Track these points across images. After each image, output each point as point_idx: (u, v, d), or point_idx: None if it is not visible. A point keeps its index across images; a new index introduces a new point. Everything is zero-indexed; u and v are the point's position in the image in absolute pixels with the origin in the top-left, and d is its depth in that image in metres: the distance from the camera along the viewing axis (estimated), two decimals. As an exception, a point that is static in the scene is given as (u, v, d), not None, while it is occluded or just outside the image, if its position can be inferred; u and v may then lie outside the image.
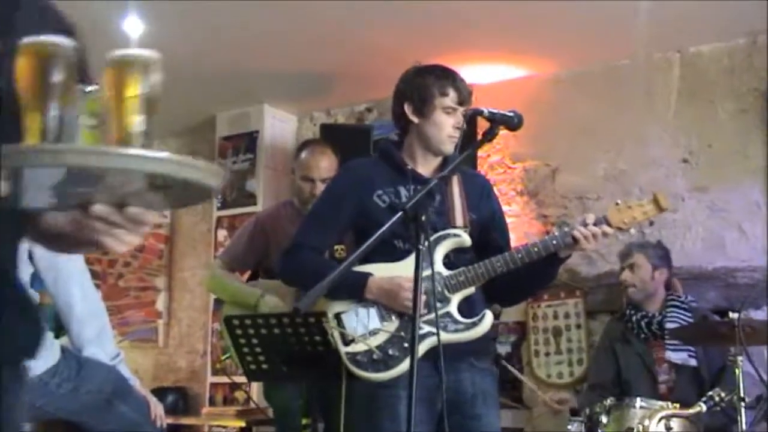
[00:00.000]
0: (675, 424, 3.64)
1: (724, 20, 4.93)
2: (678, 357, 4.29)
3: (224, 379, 6.19)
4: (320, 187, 4.00)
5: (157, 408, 3.08)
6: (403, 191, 2.93)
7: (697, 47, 5.31)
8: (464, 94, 2.94)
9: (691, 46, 5.32)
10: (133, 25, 5.02)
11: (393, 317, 2.83)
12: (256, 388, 5.72)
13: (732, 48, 5.21)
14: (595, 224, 2.85)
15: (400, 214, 2.37)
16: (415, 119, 2.98)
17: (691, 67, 5.34)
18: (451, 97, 2.93)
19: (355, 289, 2.85)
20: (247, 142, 6.54)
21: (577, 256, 5.25)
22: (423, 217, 2.35)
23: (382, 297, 2.82)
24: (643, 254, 4.52)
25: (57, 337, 2.89)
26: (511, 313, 5.43)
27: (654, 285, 4.48)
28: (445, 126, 2.93)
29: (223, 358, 6.11)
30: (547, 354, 5.46)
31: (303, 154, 4.16)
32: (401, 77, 3.06)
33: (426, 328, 2.74)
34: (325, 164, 4.09)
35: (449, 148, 2.95)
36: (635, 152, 5.40)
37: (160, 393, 5.67)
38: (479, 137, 2.75)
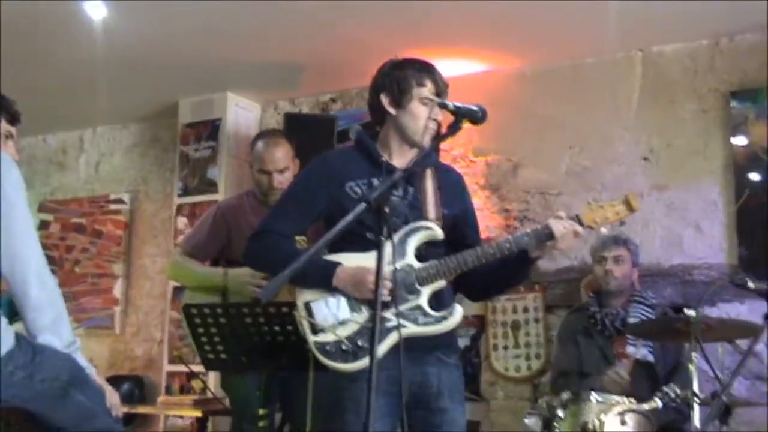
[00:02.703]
0: (630, 419, 3.66)
1: (688, 21, 4.98)
2: (638, 352, 4.32)
3: (181, 368, 6.15)
4: (277, 178, 4.01)
5: (113, 397, 3.04)
6: (376, 183, 2.91)
7: (659, 47, 5.35)
8: (441, 86, 2.95)
9: (653, 46, 5.36)
10: (96, 9, 4.98)
11: (363, 308, 2.81)
12: (213, 378, 5.69)
13: (694, 49, 5.26)
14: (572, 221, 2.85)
15: (362, 205, 2.36)
16: (391, 110, 2.97)
17: (653, 66, 5.38)
18: (428, 88, 2.93)
19: (323, 278, 2.83)
20: (209, 130, 6.49)
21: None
22: (387, 209, 2.33)
23: (349, 285, 2.81)
24: (627, 249, 4.55)
25: (11, 323, 2.84)
26: (471, 307, 5.43)
27: (630, 281, 4.51)
28: (422, 117, 2.93)
29: (181, 345, 6.10)
30: (506, 347, 5.49)
31: (258, 147, 4.14)
32: (378, 69, 3.04)
33: (394, 321, 2.73)
34: (280, 155, 4.07)
35: (425, 139, 2.94)
36: (597, 149, 5.44)
37: (115, 381, 5.64)
38: (443, 130, 2.75)
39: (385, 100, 2.98)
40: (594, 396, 3.73)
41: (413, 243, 2.87)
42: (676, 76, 5.30)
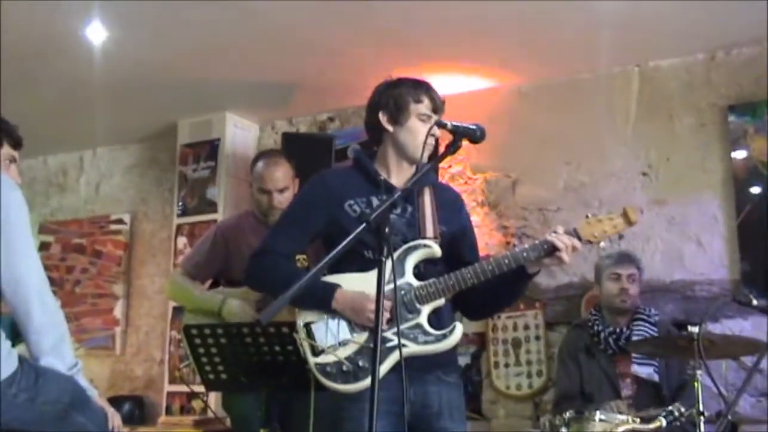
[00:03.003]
0: (633, 438, 3.65)
1: (684, 35, 5.00)
2: (644, 371, 4.30)
3: (182, 388, 6.13)
4: (277, 198, 4.01)
5: (114, 418, 3.04)
6: (375, 201, 2.92)
7: (656, 62, 5.37)
8: (438, 103, 2.96)
9: (650, 61, 5.38)
10: (96, 32, 5.00)
11: (363, 328, 2.82)
12: (213, 398, 5.67)
13: (691, 63, 5.27)
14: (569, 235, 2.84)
15: (363, 225, 2.36)
16: (389, 127, 2.98)
17: (650, 81, 5.40)
18: (425, 105, 2.95)
19: (322, 300, 2.83)
20: (208, 150, 6.50)
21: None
22: (386, 229, 2.33)
23: (348, 310, 2.81)
24: (637, 268, 4.53)
25: (14, 345, 2.84)
26: (471, 325, 5.42)
27: (638, 300, 4.51)
28: (420, 133, 2.93)
29: (180, 366, 6.08)
30: (507, 365, 5.47)
31: (258, 167, 4.15)
32: (375, 89, 3.06)
33: (395, 340, 2.73)
34: (280, 174, 4.07)
35: (424, 155, 2.94)
36: (595, 165, 5.44)
37: (116, 401, 5.61)
38: (442, 149, 2.75)
39: (383, 117, 2.99)
40: (598, 415, 3.71)
41: (412, 261, 2.88)
42: (673, 91, 5.31)
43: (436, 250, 2.89)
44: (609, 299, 4.47)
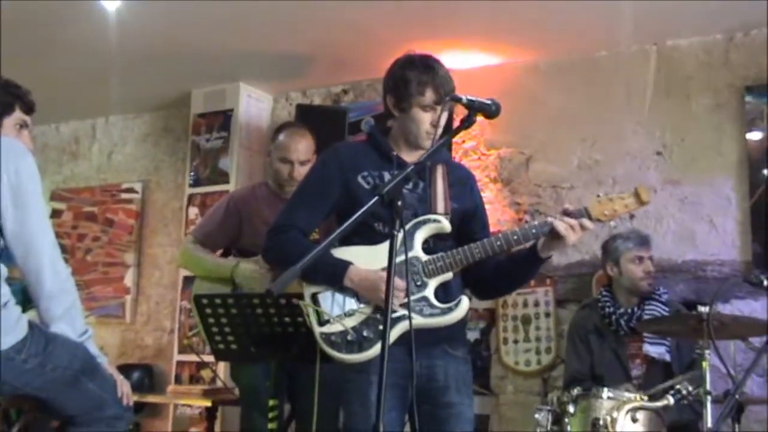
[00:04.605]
0: (641, 416, 3.65)
1: (702, 15, 4.95)
2: (656, 351, 4.29)
3: (191, 357, 6.17)
4: (298, 170, 4.01)
5: (124, 386, 3.06)
6: (387, 176, 2.93)
7: (674, 41, 5.33)
8: (442, 93, 2.91)
9: (668, 40, 5.34)
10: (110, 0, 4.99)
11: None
12: (223, 368, 5.70)
13: (709, 43, 5.23)
14: (575, 216, 2.83)
15: (375, 198, 2.36)
16: (395, 112, 3.00)
17: (667, 60, 5.36)
18: (428, 97, 2.93)
19: (333, 277, 2.84)
20: (221, 120, 6.49)
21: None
22: (399, 203, 2.33)
23: (362, 288, 2.81)
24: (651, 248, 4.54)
25: (24, 311, 2.86)
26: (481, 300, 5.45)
27: None
28: (422, 123, 2.94)
29: (190, 335, 6.11)
30: (516, 341, 5.49)
31: (281, 136, 4.14)
32: (390, 66, 3.05)
33: (401, 312, 2.74)
34: (304, 147, 4.08)
35: (426, 143, 2.94)
36: (610, 143, 5.42)
37: (125, 370, 5.65)
38: (456, 124, 2.74)
39: (389, 102, 3.02)
40: (605, 392, 3.72)
41: (421, 235, 2.89)
42: (691, 71, 5.27)
43: (446, 225, 2.90)
44: (634, 282, 4.43)
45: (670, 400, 3.58)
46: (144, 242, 7.05)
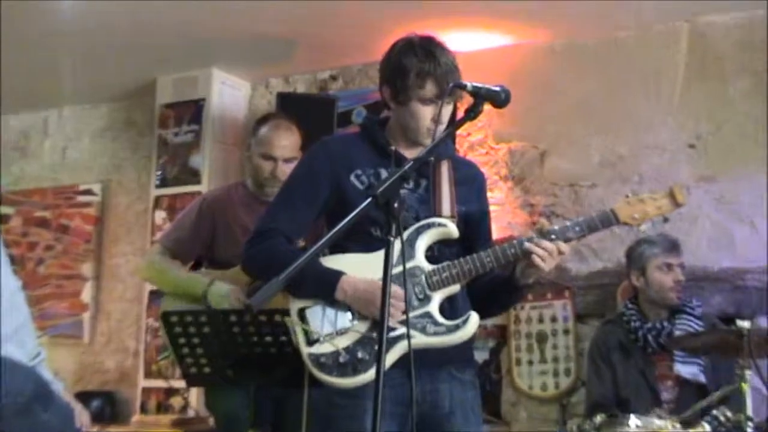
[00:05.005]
0: (674, 445, 3.66)
1: (741, -12, 4.98)
2: (687, 371, 4.28)
3: (159, 383, 6.16)
4: (282, 168, 4.00)
5: (82, 415, 3.05)
6: (383, 174, 2.93)
7: (708, 18, 5.34)
8: (444, 85, 2.87)
9: (701, 16, 5.35)
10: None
11: (365, 316, 2.82)
12: (195, 394, 5.70)
13: (748, 19, 5.24)
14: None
15: (369, 200, 2.35)
16: (392, 105, 3.00)
17: (700, 40, 5.37)
18: (428, 90, 2.90)
19: (323, 288, 2.83)
20: (192, 111, 6.50)
21: (566, 251, 5.33)
22: (396, 205, 2.33)
23: (357, 301, 2.80)
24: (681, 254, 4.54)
25: (-32, 331, 2.85)
26: (490, 315, 5.46)
27: None
28: (422, 119, 2.92)
29: (159, 358, 6.10)
30: (530, 362, 5.49)
31: (264, 129, 4.14)
32: (387, 51, 3.04)
33: (400, 330, 2.74)
34: (289, 142, 4.08)
35: (426, 140, 2.93)
36: (635, 135, 5.43)
37: (84, 397, 5.65)
38: (461, 114, 2.74)
39: (385, 92, 3.01)
40: (633, 419, 3.71)
41: (424, 242, 2.88)
42: (727, 51, 5.29)
43: (452, 230, 2.89)
44: (661, 293, 4.43)
45: (706, 427, 3.58)
46: (104, 251, 7.05)
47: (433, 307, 2.84)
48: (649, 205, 2.87)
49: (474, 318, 2.84)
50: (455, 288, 2.88)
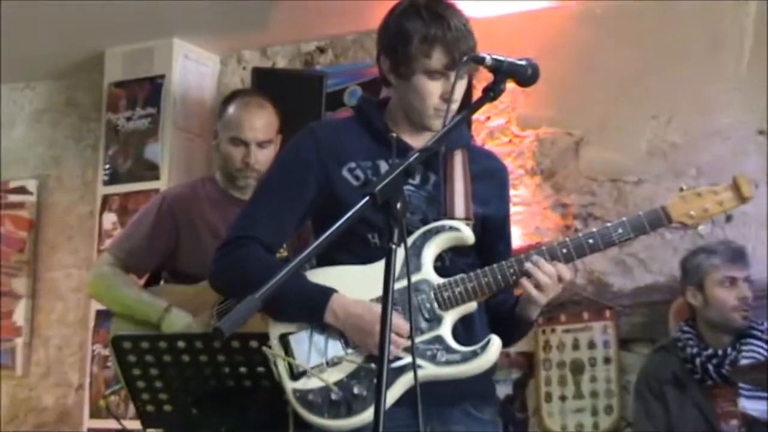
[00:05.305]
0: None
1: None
2: (756, 408, 4.30)
3: (108, 423, 6.16)
4: (255, 154, 4.02)
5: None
6: (384, 166, 2.93)
7: (782, -25, 5.36)
8: (457, 55, 2.85)
9: (774, -26, 5.37)
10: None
11: None
12: (153, 438, 5.71)
13: (829, -22, 5.27)
14: (650, 223, 2.83)
15: (366, 199, 2.34)
16: (392, 80, 2.98)
17: (773, 3, 5.39)
18: (436, 59, 2.87)
19: (310, 310, 2.83)
20: (148, 91, 6.52)
21: (608, 262, 5.35)
22: (398, 205, 2.33)
23: (350, 328, 2.80)
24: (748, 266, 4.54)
25: None
26: (515, 341, 5.47)
27: None
28: (429, 95, 2.89)
29: (108, 392, 6.10)
30: (563, 398, 5.49)
31: (231, 108, 4.15)
32: (386, 15, 3.01)
33: (405, 359, 2.74)
34: (263, 123, 4.09)
35: (434, 123, 2.92)
36: (693, 120, 5.44)
37: (16, 441, 5.67)
38: (478, 94, 2.74)
39: (384, 64, 2.99)
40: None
41: (432, 250, 2.89)
42: (805, 18, 5.31)
43: (467, 235, 2.90)
44: (723, 313, 4.44)
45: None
46: (40, 263, 7.06)
47: (445, 330, 2.84)
48: (709, 200, 2.86)
49: (496, 343, 2.83)
50: (471, 306, 2.88)
